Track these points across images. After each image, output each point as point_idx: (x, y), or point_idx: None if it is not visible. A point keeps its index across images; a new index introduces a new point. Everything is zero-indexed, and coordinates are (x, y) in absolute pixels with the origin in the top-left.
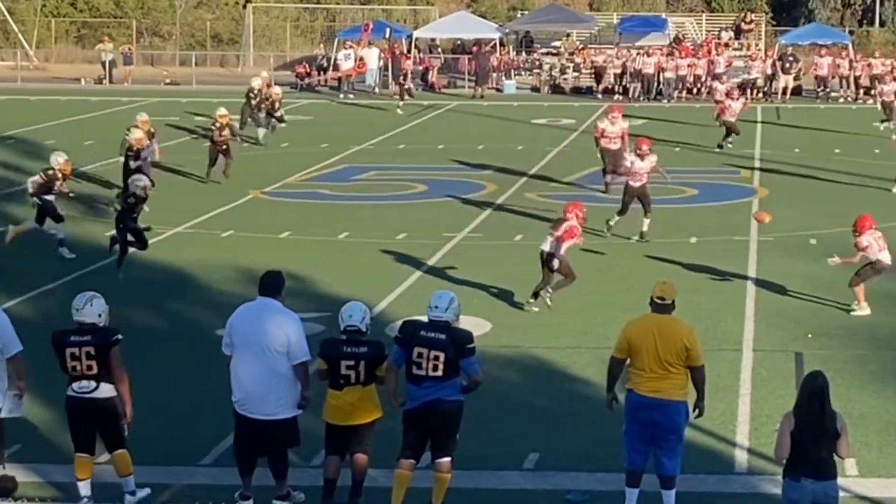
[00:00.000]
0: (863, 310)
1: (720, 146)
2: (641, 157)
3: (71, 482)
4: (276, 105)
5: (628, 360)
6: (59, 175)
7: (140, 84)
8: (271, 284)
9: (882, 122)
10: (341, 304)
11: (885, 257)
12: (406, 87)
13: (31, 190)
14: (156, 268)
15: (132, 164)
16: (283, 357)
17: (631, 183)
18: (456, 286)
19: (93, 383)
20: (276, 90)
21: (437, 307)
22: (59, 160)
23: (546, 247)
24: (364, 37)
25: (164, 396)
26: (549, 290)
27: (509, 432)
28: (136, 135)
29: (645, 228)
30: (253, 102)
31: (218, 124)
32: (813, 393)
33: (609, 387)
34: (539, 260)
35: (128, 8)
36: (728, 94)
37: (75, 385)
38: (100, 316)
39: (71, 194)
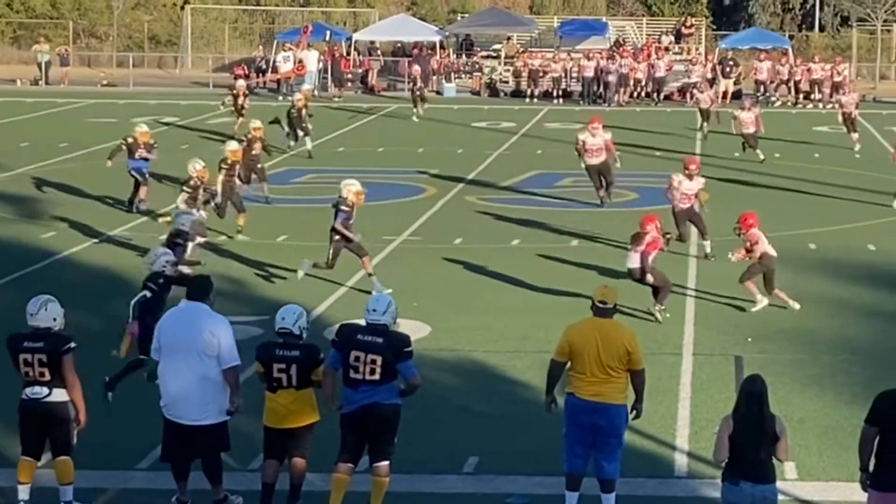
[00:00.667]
0: (760, 303)
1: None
2: (690, 176)
3: (11, 486)
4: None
5: (568, 364)
6: (199, 182)
7: (77, 85)
8: (199, 288)
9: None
10: (280, 307)
11: (772, 251)
12: (418, 93)
13: (184, 207)
14: (93, 272)
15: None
16: (213, 361)
17: (680, 205)
18: (395, 289)
19: (45, 389)
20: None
21: (374, 310)
22: (196, 167)
23: (633, 264)
24: (303, 39)
25: (101, 400)
26: (659, 304)
27: (448, 436)
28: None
29: (708, 250)
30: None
31: (250, 136)
32: (751, 396)
33: (548, 390)
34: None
35: (64, 9)
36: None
37: (28, 390)
38: (55, 320)
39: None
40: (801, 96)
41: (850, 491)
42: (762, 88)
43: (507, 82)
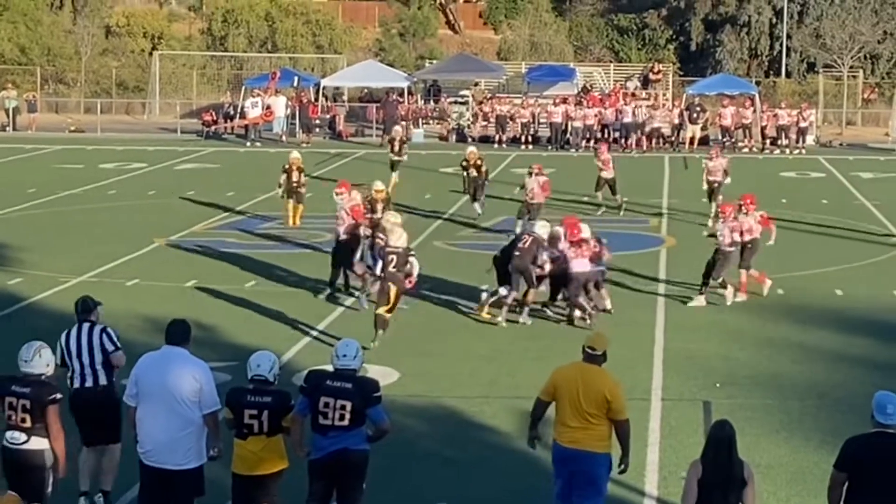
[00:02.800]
0: (733, 296)
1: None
2: (747, 212)
3: None
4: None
5: (554, 407)
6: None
7: (44, 131)
8: (179, 333)
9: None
10: (248, 353)
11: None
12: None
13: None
14: (61, 317)
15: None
16: (195, 406)
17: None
18: (363, 335)
19: (23, 436)
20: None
21: (344, 356)
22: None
23: (584, 268)
24: (271, 84)
25: (69, 446)
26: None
27: (417, 482)
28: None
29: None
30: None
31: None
32: (720, 441)
33: (531, 426)
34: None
35: (33, 55)
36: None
37: (7, 434)
38: (47, 366)
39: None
40: (768, 142)
41: None
42: (727, 134)
43: (476, 127)
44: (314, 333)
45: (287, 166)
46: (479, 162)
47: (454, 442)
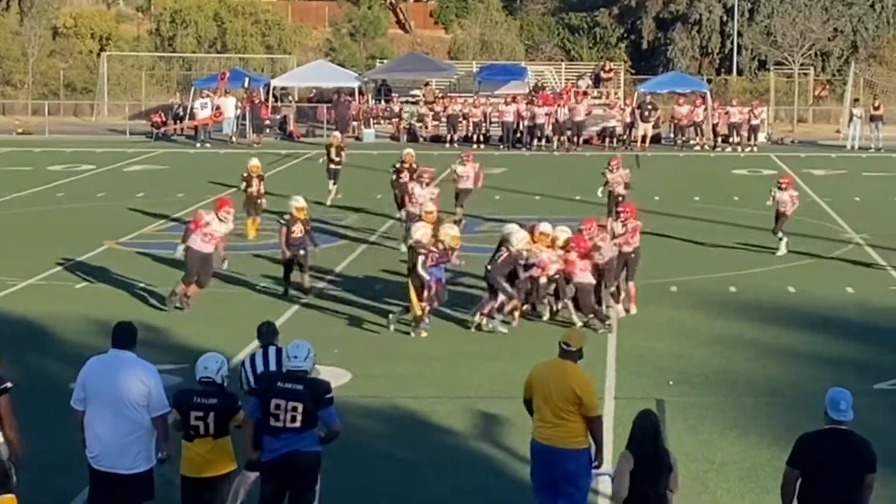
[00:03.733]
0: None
1: None
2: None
3: None
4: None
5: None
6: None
7: None
8: (125, 336)
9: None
10: (199, 355)
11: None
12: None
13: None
14: (8, 320)
15: None
16: (144, 410)
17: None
18: (315, 336)
19: None
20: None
21: (295, 357)
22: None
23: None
24: (221, 85)
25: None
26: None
27: (370, 483)
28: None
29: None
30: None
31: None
32: (646, 431)
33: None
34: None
35: None
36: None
37: None
38: None
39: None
40: (720, 139)
41: None
42: (680, 132)
43: (427, 127)
44: None
45: (246, 175)
46: (414, 165)
47: (407, 443)
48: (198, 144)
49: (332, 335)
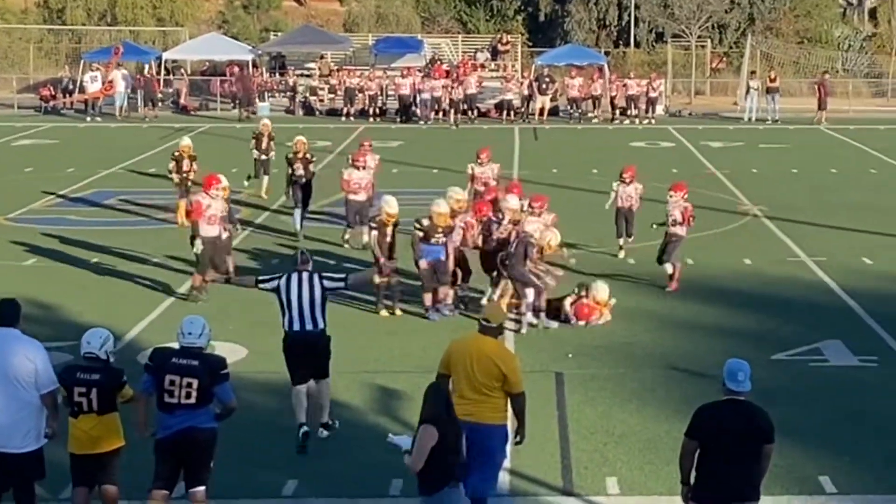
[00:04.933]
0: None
1: None
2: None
3: None
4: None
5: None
6: None
7: None
8: (9, 313)
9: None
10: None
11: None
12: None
13: None
14: None
15: None
16: (31, 387)
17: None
18: (210, 312)
19: None
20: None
21: (189, 333)
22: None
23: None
24: (114, 59)
25: None
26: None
27: (267, 459)
28: None
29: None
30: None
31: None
32: (442, 399)
33: None
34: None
35: None
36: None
37: None
38: None
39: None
40: (618, 112)
41: None
42: (576, 105)
43: (324, 100)
44: (159, 310)
45: (177, 155)
46: (308, 156)
47: None
48: (88, 118)
49: (227, 310)
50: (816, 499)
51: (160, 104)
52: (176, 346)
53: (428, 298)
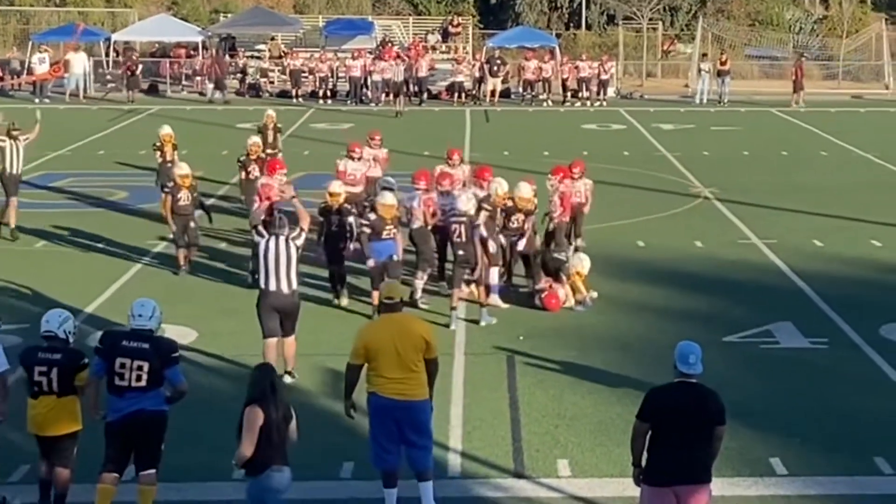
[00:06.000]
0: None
1: None
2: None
3: None
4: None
5: (366, 365)
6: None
7: None
8: None
9: None
10: (41, 315)
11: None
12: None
13: None
14: None
15: None
16: None
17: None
18: (160, 293)
19: None
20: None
21: (140, 315)
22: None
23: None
24: (74, 40)
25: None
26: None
27: (218, 442)
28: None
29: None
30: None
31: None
32: (268, 379)
33: (347, 395)
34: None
35: None
36: None
37: None
38: None
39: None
40: (569, 94)
41: (623, 486)
42: (529, 87)
43: (273, 83)
44: (109, 293)
45: (159, 143)
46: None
47: None
48: (37, 100)
49: (178, 293)
50: (767, 480)
51: (111, 86)
52: (126, 328)
53: (376, 296)
